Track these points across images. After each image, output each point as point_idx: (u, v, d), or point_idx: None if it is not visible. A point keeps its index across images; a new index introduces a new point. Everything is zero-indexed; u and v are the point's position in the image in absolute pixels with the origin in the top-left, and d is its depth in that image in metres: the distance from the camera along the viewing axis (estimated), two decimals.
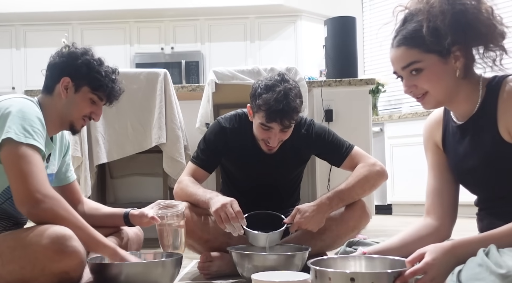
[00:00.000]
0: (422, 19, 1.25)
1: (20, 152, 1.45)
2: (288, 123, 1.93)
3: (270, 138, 1.97)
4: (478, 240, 1.19)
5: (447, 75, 1.27)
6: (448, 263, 1.15)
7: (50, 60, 1.72)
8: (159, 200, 1.88)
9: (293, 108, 1.91)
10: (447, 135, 1.42)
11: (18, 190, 1.45)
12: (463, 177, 1.39)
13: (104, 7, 6.14)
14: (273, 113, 1.89)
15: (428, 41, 1.23)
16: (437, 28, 1.23)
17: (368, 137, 3.35)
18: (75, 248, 1.41)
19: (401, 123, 5.18)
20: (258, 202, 2.13)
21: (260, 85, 1.96)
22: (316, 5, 6.39)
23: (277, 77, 1.96)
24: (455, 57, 1.26)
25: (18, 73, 6.33)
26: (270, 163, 2.09)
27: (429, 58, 1.26)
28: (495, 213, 1.33)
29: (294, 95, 1.92)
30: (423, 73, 1.27)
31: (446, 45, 1.23)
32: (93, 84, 1.68)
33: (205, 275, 1.93)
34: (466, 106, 1.32)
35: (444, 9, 1.22)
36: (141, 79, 2.95)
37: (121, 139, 2.96)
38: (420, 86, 1.29)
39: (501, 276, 1.03)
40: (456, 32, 1.22)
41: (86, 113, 1.71)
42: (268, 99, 1.89)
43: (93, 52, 1.73)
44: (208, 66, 6.13)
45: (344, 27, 3.72)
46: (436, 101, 1.31)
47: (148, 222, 1.79)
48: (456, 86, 1.29)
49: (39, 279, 1.40)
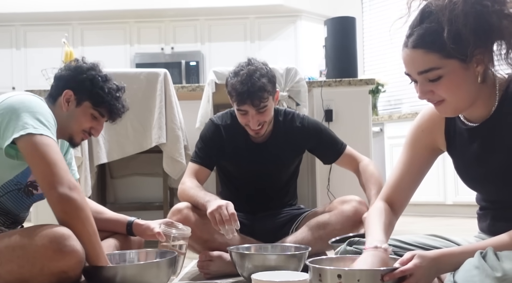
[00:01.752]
0: (443, 20, 1.13)
1: (44, 141, 1.46)
2: (258, 103, 1.98)
3: (249, 121, 2.02)
4: (461, 252, 1.19)
5: (468, 81, 1.18)
6: (431, 269, 1.16)
7: (58, 71, 1.74)
8: (167, 219, 1.89)
9: (258, 88, 1.96)
10: (454, 136, 1.36)
11: (49, 175, 1.43)
12: (474, 179, 1.35)
13: (104, 7, 6.14)
14: (240, 95, 1.97)
15: (450, 47, 1.13)
16: (459, 33, 1.12)
17: (368, 138, 3.35)
18: (73, 247, 1.41)
19: (401, 124, 5.18)
20: (255, 199, 2.14)
21: (229, 74, 2.05)
22: (316, 5, 6.39)
23: (243, 63, 2.05)
24: (477, 62, 1.16)
25: (18, 73, 6.33)
26: (265, 155, 2.12)
27: (450, 64, 1.15)
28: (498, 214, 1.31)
29: (260, 75, 1.98)
30: (442, 80, 1.17)
31: (468, 50, 1.13)
32: (95, 100, 1.68)
33: (205, 275, 1.93)
34: (481, 109, 1.26)
35: (466, 11, 1.11)
36: (141, 79, 2.95)
37: (121, 139, 2.96)
38: (437, 93, 1.20)
39: (497, 279, 1.03)
40: (478, 36, 1.12)
41: (86, 128, 1.71)
42: (235, 84, 1.99)
43: (100, 68, 1.73)
44: (208, 66, 6.13)
45: (344, 27, 3.71)
46: (454, 109, 1.23)
47: (151, 235, 1.79)
48: (477, 91, 1.21)
49: (38, 278, 1.40)
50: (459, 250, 1.21)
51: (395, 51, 5.46)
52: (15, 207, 1.63)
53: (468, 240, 1.41)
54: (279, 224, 2.13)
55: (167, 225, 1.81)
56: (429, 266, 1.16)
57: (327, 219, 2.01)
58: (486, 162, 1.29)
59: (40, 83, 4.34)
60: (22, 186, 1.60)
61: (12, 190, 1.59)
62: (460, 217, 4.60)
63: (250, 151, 2.13)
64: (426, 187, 1.51)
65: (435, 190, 4.84)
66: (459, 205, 4.66)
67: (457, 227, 3.86)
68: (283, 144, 2.12)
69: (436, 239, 1.42)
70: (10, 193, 1.59)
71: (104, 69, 1.76)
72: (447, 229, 3.72)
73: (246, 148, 2.13)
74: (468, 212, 4.36)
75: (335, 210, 2.02)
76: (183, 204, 2.02)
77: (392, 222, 1.43)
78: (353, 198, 2.03)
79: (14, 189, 1.60)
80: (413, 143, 1.45)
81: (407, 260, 1.17)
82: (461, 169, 1.38)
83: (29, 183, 1.62)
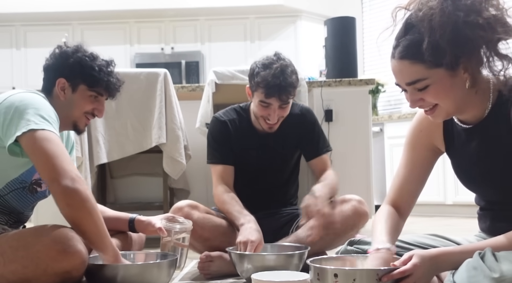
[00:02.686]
0: (424, 32, 1.15)
1: (46, 135, 1.45)
2: (286, 98, 2.01)
3: (269, 115, 2.04)
4: (459, 252, 1.20)
5: (456, 87, 1.19)
6: (430, 268, 1.17)
7: (45, 62, 1.72)
8: (168, 214, 1.89)
9: (290, 84, 2.00)
10: (452, 137, 1.37)
11: (52, 168, 1.42)
12: (474, 179, 1.35)
13: (104, 7, 6.14)
14: (271, 88, 1.98)
15: (427, 57, 1.15)
16: (437, 43, 1.14)
17: (368, 138, 3.35)
18: (77, 248, 1.41)
19: (401, 124, 5.18)
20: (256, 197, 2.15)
21: (257, 65, 2.06)
22: (316, 5, 6.39)
23: (273, 57, 2.07)
24: (464, 68, 1.17)
25: (18, 73, 6.34)
26: (270, 147, 2.16)
27: (436, 73, 1.17)
28: (499, 215, 1.31)
29: (291, 71, 2.03)
30: (430, 89, 1.19)
31: (450, 60, 1.14)
32: (89, 81, 1.66)
33: (205, 275, 1.93)
34: (474, 111, 1.27)
35: (443, 22, 1.13)
36: (141, 79, 2.95)
37: (121, 139, 2.96)
38: (427, 100, 1.22)
39: (495, 280, 1.04)
40: (456, 46, 1.13)
41: (88, 111, 1.69)
42: (266, 76, 1.99)
43: (85, 48, 1.70)
44: (208, 66, 6.13)
45: (344, 27, 3.71)
46: (446, 113, 1.24)
47: (153, 231, 1.79)
48: (467, 95, 1.22)
49: (41, 278, 1.40)
50: (458, 250, 1.22)
51: None
52: (19, 205, 1.63)
53: (469, 239, 1.41)
54: (279, 224, 2.13)
55: (168, 219, 1.81)
56: (428, 265, 1.17)
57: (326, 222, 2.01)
58: (483, 163, 1.30)
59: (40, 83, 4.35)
60: (27, 184, 1.60)
61: (17, 188, 1.59)
62: (460, 217, 4.60)
63: (256, 144, 2.16)
64: (426, 187, 1.50)
65: (435, 190, 4.84)
66: (459, 205, 4.66)
67: (457, 227, 3.86)
68: (286, 132, 2.15)
69: (436, 239, 1.42)
70: (15, 191, 1.60)
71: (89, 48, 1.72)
72: (447, 229, 3.72)
73: (253, 142, 2.16)
74: (468, 212, 4.36)
75: (334, 209, 2.02)
76: (184, 202, 2.03)
77: (398, 225, 1.42)
78: (352, 198, 2.03)
79: (19, 187, 1.60)
80: (413, 144, 1.45)
81: (405, 260, 1.18)
82: (459, 170, 1.39)
83: (34, 181, 1.62)
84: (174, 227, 1.77)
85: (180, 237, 1.77)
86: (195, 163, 3.11)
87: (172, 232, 1.76)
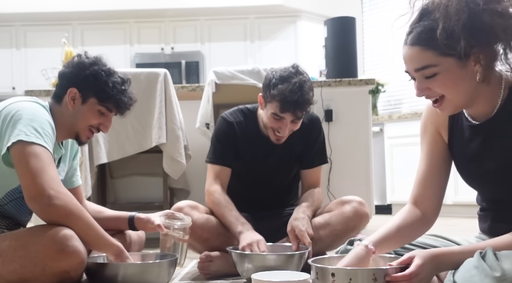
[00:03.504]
0: (438, 18, 1.14)
1: (31, 150, 1.44)
2: (300, 115, 1.98)
3: (280, 128, 2.00)
4: (460, 251, 1.19)
5: (465, 79, 1.17)
6: (432, 268, 1.17)
7: (61, 69, 1.72)
8: (167, 210, 1.89)
9: (306, 100, 1.96)
10: (456, 131, 1.36)
11: (30, 186, 1.43)
12: (474, 177, 1.35)
13: (104, 7, 6.14)
14: (288, 104, 1.93)
15: (442, 43, 1.13)
16: (453, 30, 1.12)
17: (368, 138, 3.35)
18: (75, 248, 1.41)
19: (401, 124, 5.18)
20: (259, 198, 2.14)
21: (274, 76, 1.99)
22: (316, 5, 6.39)
23: (292, 69, 2.00)
24: (475, 60, 1.16)
25: (18, 73, 6.33)
26: (277, 152, 2.13)
27: (446, 61, 1.16)
28: (499, 216, 1.31)
29: (308, 87, 1.98)
30: (438, 77, 1.17)
31: (463, 48, 1.12)
32: (100, 95, 1.66)
33: (204, 275, 1.93)
34: (484, 107, 1.25)
35: (460, 9, 1.11)
36: (141, 79, 2.95)
37: (121, 139, 2.96)
38: (434, 90, 1.20)
39: (496, 279, 1.03)
40: (471, 33, 1.12)
41: (94, 125, 1.68)
42: (283, 90, 1.93)
43: (103, 62, 1.70)
44: (208, 66, 6.13)
45: (344, 27, 3.71)
46: (454, 106, 1.22)
47: (152, 228, 1.78)
48: (476, 89, 1.19)
49: (40, 278, 1.40)
50: (458, 250, 1.21)
51: (395, 51, 5.46)
52: (18, 213, 1.64)
53: (469, 240, 1.41)
54: (279, 224, 2.13)
55: (167, 216, 1.81)
56: (431, 264, 1.16)
57: (327, 219, 2.01)
58: (486, 161, 1.29)
59: (40, 83, 4.35)
60: None
61: (17, 198, 1.59)
62: (460, 217, 4.60)
63: (262, 150, 2.13)
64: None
65: None
66: (459, 205, 4.66)
67: (457, 227, 3.86)
68: (292, 140, 2.12)
69: (436, 239, 1.42)
70: (15, 200, 1.59)
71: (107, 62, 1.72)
72: (447, 229, 3.71)
73: (259, 147, 2.13)
74: (468, 212, 4.36)
75: (335, 210, 2.02)
76: (184, 202, 2.03)
77: (406, 224, 1.37)
78: (353, 199, 2.03)
79: (19, 197, 1.59)
80: (425, 137, 1.43)
81: (404, 261, 1.17)
82: (460, 166, 1.38)
83: None
84: (173, 223, 1.77)
85: (179, 234, 1.77)
86: (195, 163, 3.11)
87: (171, 228, 1.76)
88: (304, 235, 1.83)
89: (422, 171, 1.41)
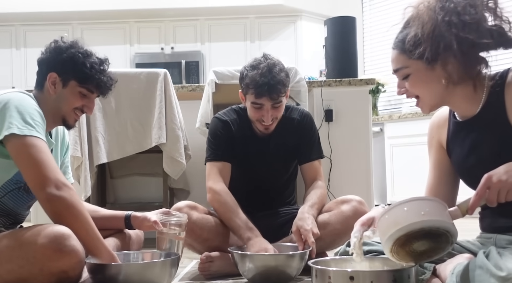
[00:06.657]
0: (413, 26, 1.28)
1: (29, 142, 1.45)
2: (276, 97, 2.00)
3: (263, 116, 2.03)
4: None
5: (433, 81, 1.29)
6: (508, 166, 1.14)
7: (39, 56, 1.71)
8: (164, 208, 1.88)
9: (278, 81, 1.99)
10: (451, 133, 1.42)
11: (37, 176, 1.44)
12: (468, 174, 1.38)
13: (104, 7, 6.14)
14: (261, 88, 1.97)
15: (407, 48, 1.27)
16: (419, 38, 1.25)
17: (368, 137, 3.35)
18: (73, 247, 1.41)
19: (401, 123, 5.18)
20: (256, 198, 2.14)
21: (246, 68, 2.07)
22: (316, 5, 6.39)
23: (260, 57, 2.07)
24: (442, 64, 1.26)
25: (18, 73, 6.33)
26: (271, 149, 2.15)
27: (415, 64, 1.29)
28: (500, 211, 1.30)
29: (279, 69, 2.01)
30: (410, 78, 1.32)
31: (428, 54, 1.24)
32: (80, 77, 1.65)
33: (205, 275, 1.93)
34: (467, 106, 1.33)
35: (428, 20, 1.24)
36: (141, 79, 2.95)
37: (121, 139, 2.96)
38: (409, 89, 1.34)
39: (501, 278, 1.03)
40: (433, 43, 1.24)
41: (77, 107, 1.68)
42: (254, 76, 1.99)
43: (80, 45, 1.70)
44: (208, 66, 6.13)
45: (344, 27, 3.71)
46: (428, 105, 1.34)
47: (149, 226, 1.78)
48: (447, 91, 1.30)
49: (38, 278, 1.40)
50: None
51: None
52: (16, 206, 1.63)
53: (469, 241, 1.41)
54: (279, 223, 2.13)
55: (163, 213, 1.81)
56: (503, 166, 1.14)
57: (327, 219, 2.01)
58: (479, 154, 1.33)
59: None
60: (21, 184, 1.60)
61: (12, 190, 1.59)
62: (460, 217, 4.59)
63: (257, 148, 2.15)
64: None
65: None
66: None
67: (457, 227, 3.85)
68: (286, 136, 2.14)
69: None
70: (11, 192, 1.59)
71: (85, 46, 1.71)
72: None
73: (253, 145, 2.15)
74: None
75: (335, 209, 2.02)
76: (183, 202, 2.02)
77: None
78: (353, 198, 2.03)
79: (15, 188, 1.59)
80: (431, 150, 1.50)
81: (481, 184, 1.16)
82: (456, 164, 1.41)
83: None
84: (169, 220, 1.77)
85: (176, 231, 1.77)
86: (195, 163, 3.10)
87: (167, 225, 1.76)
88: (308, 235, 1.83)
89: (430, 183, 1.50)
